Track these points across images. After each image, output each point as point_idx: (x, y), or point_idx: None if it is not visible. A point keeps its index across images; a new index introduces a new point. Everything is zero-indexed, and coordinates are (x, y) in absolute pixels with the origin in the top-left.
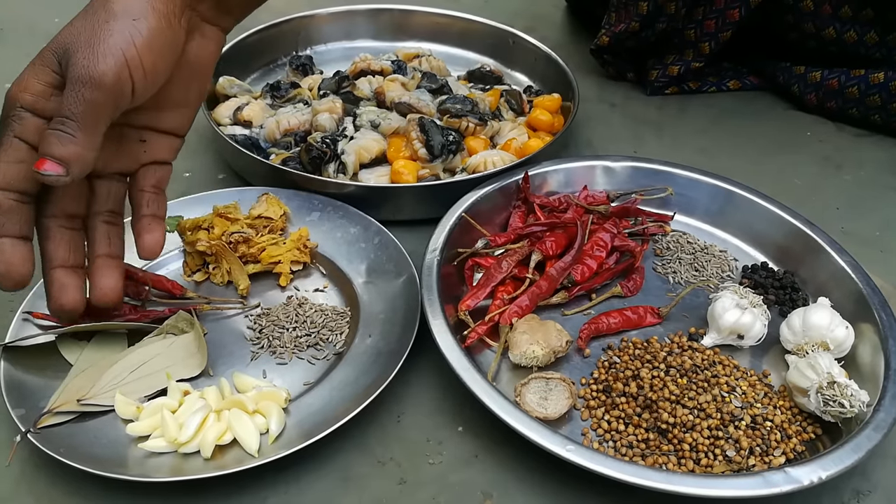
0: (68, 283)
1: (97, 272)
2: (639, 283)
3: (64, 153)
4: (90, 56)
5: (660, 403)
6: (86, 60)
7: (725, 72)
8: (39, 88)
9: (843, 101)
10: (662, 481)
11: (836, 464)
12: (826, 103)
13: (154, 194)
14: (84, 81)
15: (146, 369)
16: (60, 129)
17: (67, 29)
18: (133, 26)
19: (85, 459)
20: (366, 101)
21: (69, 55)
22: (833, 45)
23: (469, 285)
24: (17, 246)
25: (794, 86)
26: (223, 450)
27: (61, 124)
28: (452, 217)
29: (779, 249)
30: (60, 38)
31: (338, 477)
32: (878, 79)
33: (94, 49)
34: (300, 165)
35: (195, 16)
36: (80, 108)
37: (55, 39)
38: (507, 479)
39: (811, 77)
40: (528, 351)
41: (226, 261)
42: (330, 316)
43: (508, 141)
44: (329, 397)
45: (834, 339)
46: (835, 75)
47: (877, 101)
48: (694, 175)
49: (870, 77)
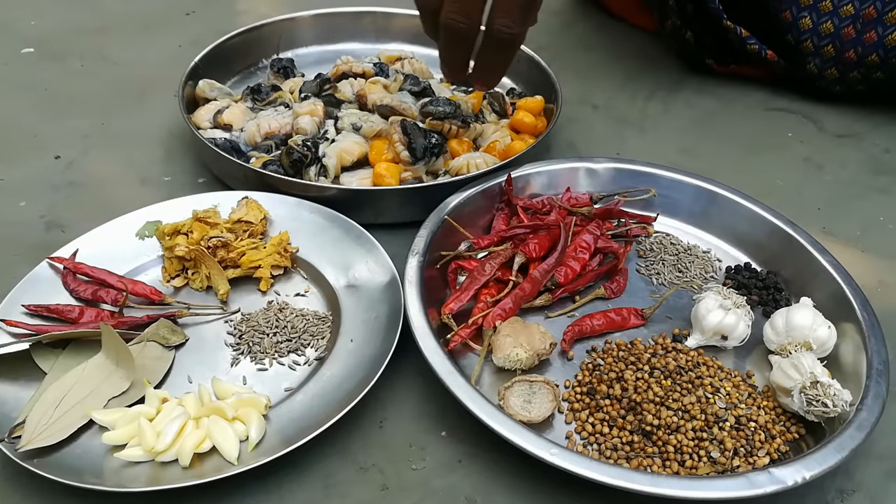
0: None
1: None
2: (622, 284)
3: None
4: None
5: (644, 405)
6: None
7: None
8: None
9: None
10: (647, 484)
11: (820, 464)
12: (845, 53)
13: None
14: None
15: (68, 402)
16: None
17: None
18: None
19: (60, 470)
20: (348, 103)
21: None
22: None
23: (452, 288)
24: None
25: (806, 41)
26: (202, 458)
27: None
28: (435, 220)
29: (762, 250)
30: None
31: (319, 484)
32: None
33: None
34: (281, 169)
35: None
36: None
37: None
38: (491, 483)
39: (823, 28)
40: (512, 354)
41: (205, 266)
42: (311, 321)
43: (491, 143)
44: (310, 403)
45: (816, 339)
46: (848, 21)
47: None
48: (677, 176)
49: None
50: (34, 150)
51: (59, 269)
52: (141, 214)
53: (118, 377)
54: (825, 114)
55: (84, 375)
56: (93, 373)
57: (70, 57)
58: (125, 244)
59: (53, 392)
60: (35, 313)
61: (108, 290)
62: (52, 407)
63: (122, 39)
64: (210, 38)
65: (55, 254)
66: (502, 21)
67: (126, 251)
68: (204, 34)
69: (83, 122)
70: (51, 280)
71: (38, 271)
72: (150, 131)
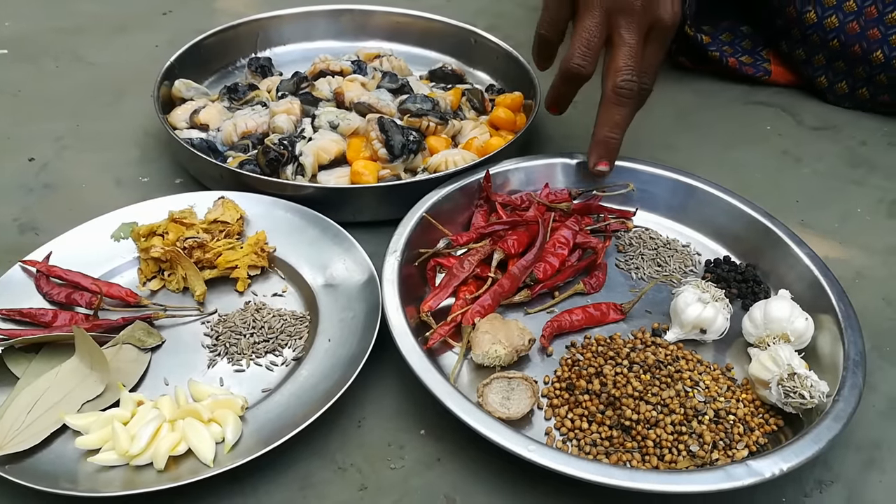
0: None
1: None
2: (601, 279)
3: None
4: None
5: (623, 400)
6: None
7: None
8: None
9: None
10: (625, 479)
11: (798, 455)
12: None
13: None
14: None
15: (41, 407)
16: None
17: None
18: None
19: (33, 476)
20: (325, 101)
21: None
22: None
23: (431, 286)
24: None
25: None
26: (177, 461)
27: None
28: (414, 217)
29: (740, 243)
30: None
31: (297, 485)
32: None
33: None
34: (258, 168)
35: None
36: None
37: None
38: (470, 482)
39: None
40: (491, 350)
41: (181, 267)
42: (288, 321)
43: (470, 140)
44: (287, 403)
45: (794, 331)
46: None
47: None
48: (655, 170)
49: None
50: (7, 152)
51: (32, 272)
52: (116, 216)
53: (92, 381)
54: (803, 107)
55: (57, 380)
56: (66, 377)
57: (44, 58)
58: (100, 246)
59: (26, 397)
60: (7, 317)
61: (83, 293)
62: (24, 412)
63: (97, 40)
64: (187, 38)
65: (28, 257)
66: (646, 77)
67: (101, 253)
68: (181, 34)
69: (58, 124)
70: (24, 284)
71: (11, 275)
72: (125, 132)
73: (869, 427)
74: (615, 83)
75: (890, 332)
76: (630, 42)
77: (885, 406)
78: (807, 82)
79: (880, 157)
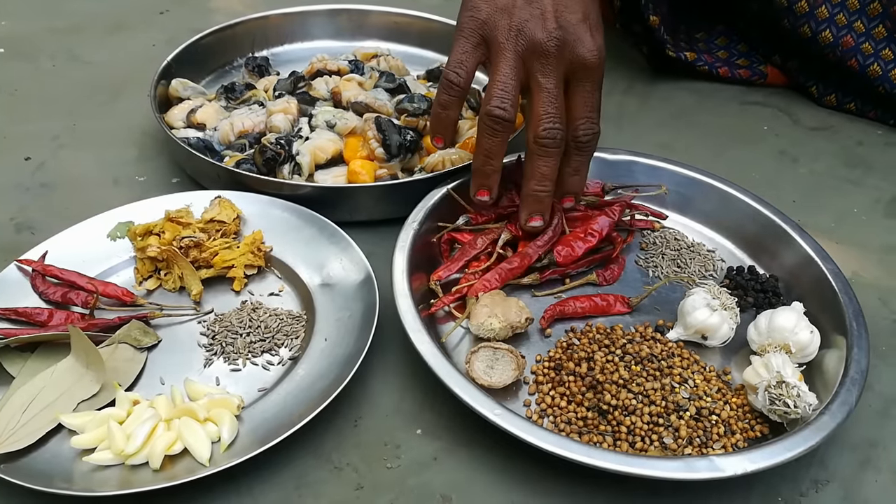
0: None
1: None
2: (616, 273)
3: None
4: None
5: (606, 385)
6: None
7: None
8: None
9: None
10: (582, 453)
11: (766, 459)
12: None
13: None
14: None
15: (36, 406)
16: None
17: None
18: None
19: (28, 475)
20: (322, 101)
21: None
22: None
23: (445, 258)
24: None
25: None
26: (173, 460)
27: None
28: (437, 195)
29: (766, 253)
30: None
31: (293, 485)
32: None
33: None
34: (254, 167)
35: None
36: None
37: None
38: (466, 480)
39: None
40: (486, 323)
41: (177, 266)
42: (285, 320)
43: (467, 139)
44: (284, 403)
45: (797, 342)
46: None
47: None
48: (690, 173)
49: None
50: (3, 151)
51: (27, 271)
52: (113, 215)
53: (88, 380)
54: (800, 107)
55: (53, 379)
56: (62, 376)
57: (41, 57)
58: (96, 245)
59: (21, 396)
60: (3, 317)
61: (79, 293)
62: (19, 411)
63: (94, 39)
64: (184, 37)
65: (24, 256)
66: (585, 125)
67: (97, 252)
68: (178, 33)
69: (54, 123)
70: (19, 283)
71: (7, 274)
72: (122, 131)
73: (865, 426)
74: (536, 133)
75: (886, 331)
76: (548, 87)
77: (880, 405)
78: (801, 88)
79: (877, 157)
